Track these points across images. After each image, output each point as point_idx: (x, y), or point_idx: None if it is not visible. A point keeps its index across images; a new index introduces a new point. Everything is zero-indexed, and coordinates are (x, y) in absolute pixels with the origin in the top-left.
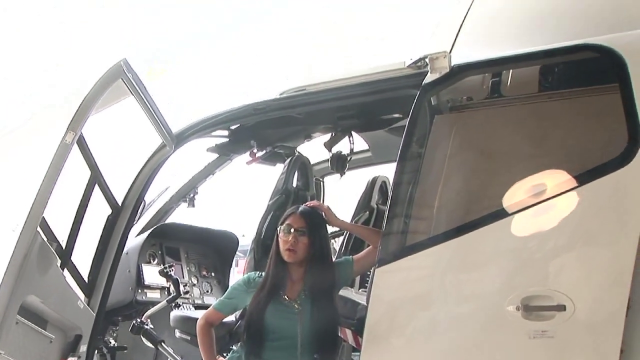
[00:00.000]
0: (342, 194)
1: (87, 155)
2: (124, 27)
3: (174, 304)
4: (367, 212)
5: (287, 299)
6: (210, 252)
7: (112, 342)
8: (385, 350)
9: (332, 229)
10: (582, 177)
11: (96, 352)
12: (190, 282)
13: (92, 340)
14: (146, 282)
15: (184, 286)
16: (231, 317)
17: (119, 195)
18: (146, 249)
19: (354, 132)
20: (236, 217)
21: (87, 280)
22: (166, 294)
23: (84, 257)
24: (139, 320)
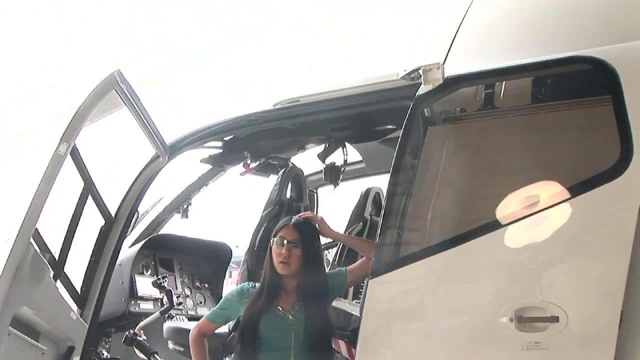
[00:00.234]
0: (336, 205)
1: (81, 166)
2: (124, 27)
3: (167, 315)
4: (361, 224)
5: (280, 310)
6: (203, 263)
7: (105, 354)
8: None
9: (326, 240)
10: (575, 189)
11: None
12: (183, 293)
13: (85, 352)
14: (139, 294)
15: (177, 297)
16: (224, 328)
17: (112, 206)
18: (139, 260)
19: (347, 144)
20: (229, 228)
21: (80, 291)
22: (159, 305)
23: (77, 268)
24: (132, 331)
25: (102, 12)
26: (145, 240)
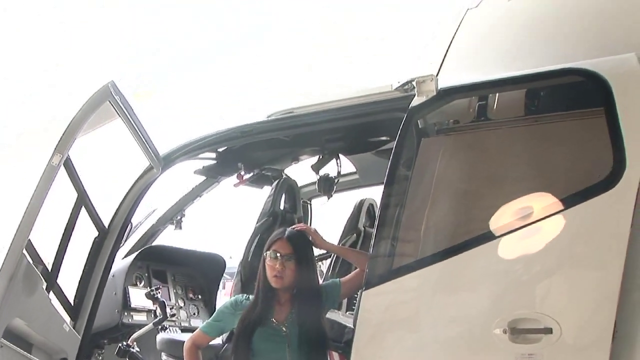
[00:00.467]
0: (330, 217)
1: (74, 177)
2: (124, 27)
3: (160, 327)
4: (355, 235)
5: (274, 322)
6: (197, 274)
7: None
8: None
9: (319, 251)
10: (569, 201)
11: None
12: (177, 304)
13: None
14: (132, 305)
15: (171, 309)
16: (218, 340)
17: (106, 217)
18: (133, 272)
19: (341, 155)
20: (223, 239)
21: (73, 303)
22: (153, 316)
23: (70, 279)
24: (125, 343)
25: (102, 12)
26: (138, 251)
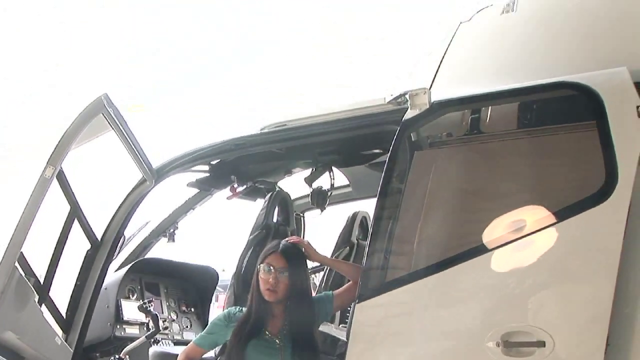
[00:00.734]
0: (323, 229)
1: (67, 189)
2: (124, 27)
3: (153, 340)
4: (348, 248)
5: (268, 334)
6: (190, 287)
7: None
8: None
9: (313, 264)
10: (561, 214)
11: None
12: (169, 317)
13: None
14: (125, 318)
15: (163, 322)
16: (210, 353)
17: (99, 230)
18: (125, 284)
19: (334, 168)
20: (216, 252)
21: (65, 315)
22: (145, 329)
23: (62, 292)
24: (117, 356)
25: (102, 12)
26: (131, 264)
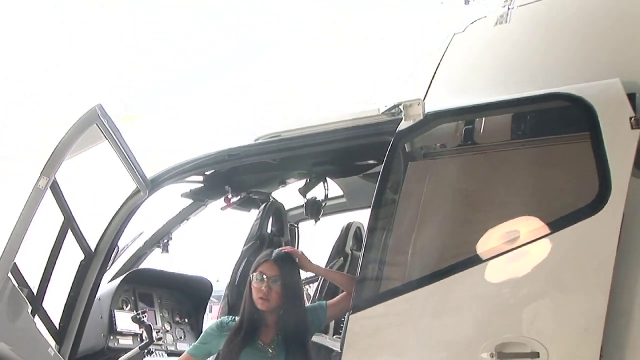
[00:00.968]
0: (317, 240)
1: (61, 200)
2: (124, 27)
3: (146, 351)
4: (342, 258)
5: (261, 343)
6: (183, 297)
7: None
8: None
9: (307, 274)
10: (555, 225)
11: None
12: (163, 328)
13: None
14: (118, 329)
15: (157, 332)
16: None
17: (92, 240)
18: (119, 295)
19: (328, 178)
20: (210, 262)
21: (58, 326)
22: (139, 340)
23: (55, 303)
24: None
25: (102, 12)
26: (125, 274)
